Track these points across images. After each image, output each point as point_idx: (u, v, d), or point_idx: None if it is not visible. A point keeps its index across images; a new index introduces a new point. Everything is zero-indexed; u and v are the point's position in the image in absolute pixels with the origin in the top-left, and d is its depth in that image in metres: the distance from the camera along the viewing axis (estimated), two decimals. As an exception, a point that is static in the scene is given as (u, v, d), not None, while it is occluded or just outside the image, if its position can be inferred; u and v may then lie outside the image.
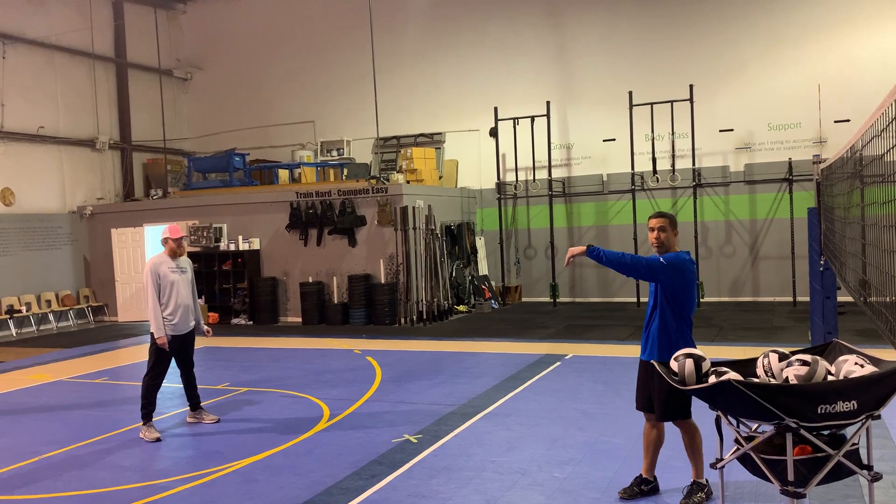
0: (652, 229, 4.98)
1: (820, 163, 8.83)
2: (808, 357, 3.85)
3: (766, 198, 15.51)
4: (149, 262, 7.34)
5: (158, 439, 6.98)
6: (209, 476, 5.92)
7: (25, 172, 16.48)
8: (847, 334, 9.36)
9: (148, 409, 7.15)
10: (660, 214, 5.01)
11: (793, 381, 3.79)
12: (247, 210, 16.06)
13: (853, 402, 3.52)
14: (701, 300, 15.00)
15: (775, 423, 3.61)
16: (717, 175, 15.81)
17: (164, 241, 7.40)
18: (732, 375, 3.90)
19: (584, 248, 4.78)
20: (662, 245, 4.95)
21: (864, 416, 3.60)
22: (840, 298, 8.49)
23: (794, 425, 3.54)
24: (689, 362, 4.11)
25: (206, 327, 7.66)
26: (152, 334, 7.19)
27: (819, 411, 3.52)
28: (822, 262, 8.26)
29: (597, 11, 16.96)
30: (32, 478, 6.09)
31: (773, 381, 3.92)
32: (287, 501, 5.30)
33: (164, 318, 7.15)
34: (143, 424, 7.13)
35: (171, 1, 20.52)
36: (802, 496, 3.66)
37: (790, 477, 3.62)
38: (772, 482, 3.75)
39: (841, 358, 3.92)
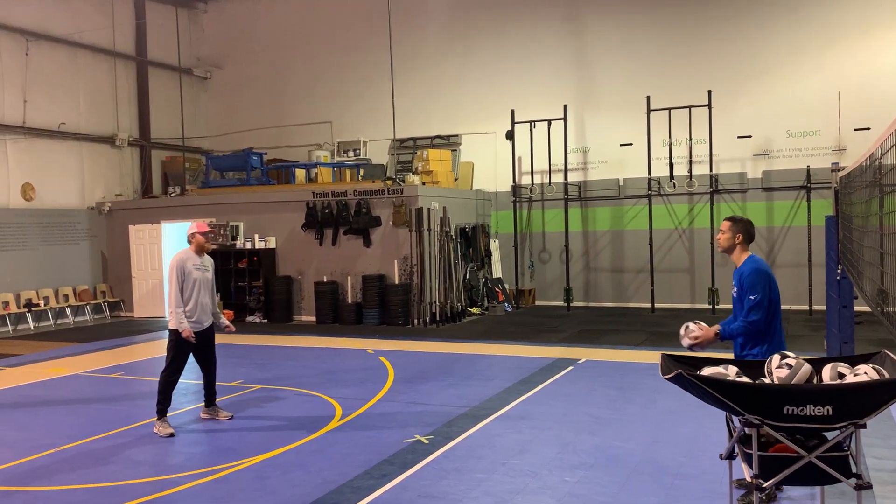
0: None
1: (838, 171, 8.78)
2: (792, 360, 3.96)
3: (783, 205, 15.40)
4: (176, 257, 7.34)
5: (172, 434, 7.03)
6: (221, 472, 5.96)
7: (46, 168, 16.68)
8: (863, 344, 9.28)
9: (163, 404, 7.20)
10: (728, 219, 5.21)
11: (776, 381, 3.93)
12: (263, 209, 16.15)
13: (827, 407, 3.58)
14: (716, 307, 14.93)
15: (741, 417, 3.76)
16: (734, 181, 15.72)
17: (192, 236, 7.39)
18: (711, 370, 4.06)
19: (712, 333, 4.87)
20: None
21: (846, 424, 3.65)
22: (857, 308, 8.43)
23: (756, 421, 3.67)
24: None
25: (225, 321, 7.68)
26: (171, 330, 7.24)
27: (785, 412, 3.61)
28: (838, 270, 8.20)
29: (616, 17, 16.92)
30: (48, 470, 6.16)
31: (765, 380, 4.06)
32: (298, 499, 5.33)
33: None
34: (158, 420, 7.18)
35: (192, 0, 20.69)
36: (764, 489, 3.80)
37: (755, 470, 3.77)
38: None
39: (859, 366, 3.95)
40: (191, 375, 8.27)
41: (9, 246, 15.73)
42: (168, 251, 16.68)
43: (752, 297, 4.84)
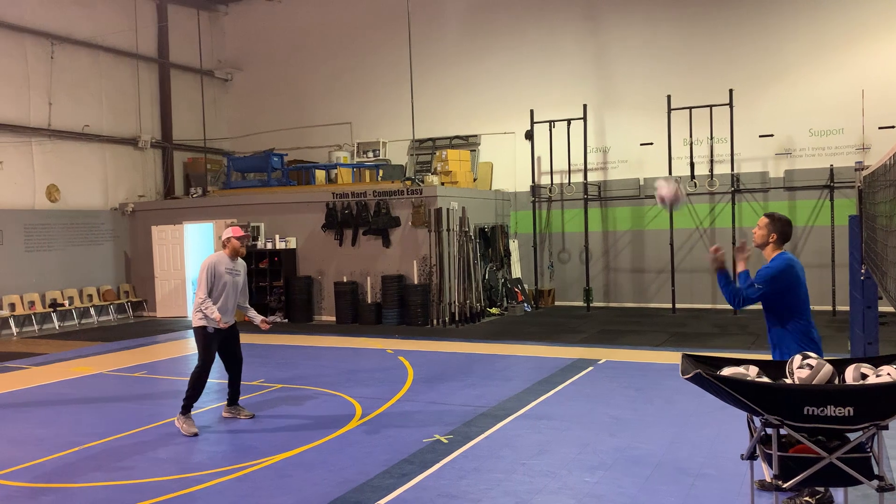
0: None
1: (862, 170, 8.68)
2: (814, 361, 3.94)
3: (806, 205, 15.25)
4: (209, 258, 7.41)
5: (196, 434, 7.10)
6: (243, 470, 6.02)
7: (70, 170, 16.92)
8: (888, 345, 9.18)
9: (191, 399, 7.22)
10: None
11: (797, 381, 3.92)
12: (284, 209, 16.27)
13: (848, 408, 3.56)
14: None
15: (761, 418, 3.76)
16: (756, 181, 15.59)
17: (227, 240, 7.42)
18: (731, 371, 4.04)
19: (719, 265, 4.92)
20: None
21: (868, 425, 3.63)
22: (881, 308, 8.34)
23: (776, 422, 3.67)
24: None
25: (260, 317, 7.69)
26: (196, 328, 7.31)
27: (805, 412, 3.60)
28: (862, 271, 8.11)
29: (636, 15, 16.84)
30: (73, 468, 6.25)
31: (786, 380, 4.04)
32: (319, 497, 5.37)
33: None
34: (182, 415, 7.22)
35: (214, 3, 20.88)
36: (784, 490, 3.79)
37: (775, 470, 3.77)
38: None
39: (882, 367, 3.93)
40: (215, 374, 8.33)
41: (34, 247, 15.97)
42: (190, 252, 16.89)
43: (758, 285, 4.84)
